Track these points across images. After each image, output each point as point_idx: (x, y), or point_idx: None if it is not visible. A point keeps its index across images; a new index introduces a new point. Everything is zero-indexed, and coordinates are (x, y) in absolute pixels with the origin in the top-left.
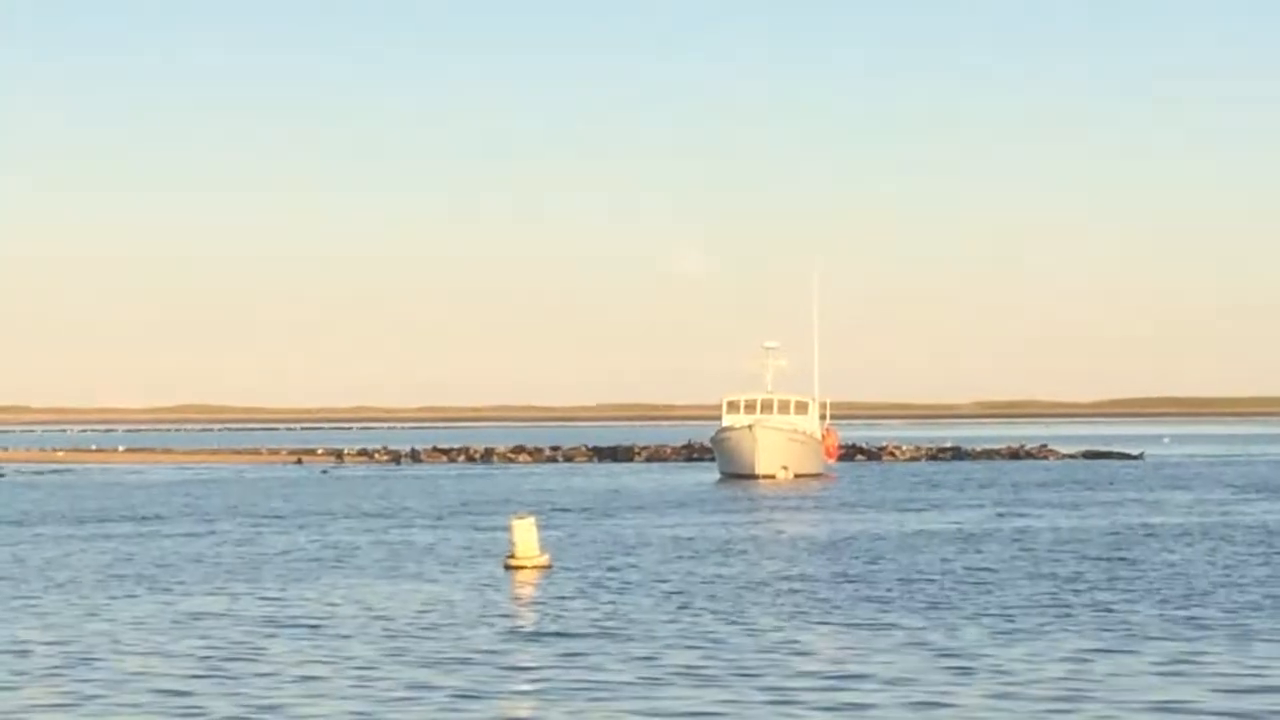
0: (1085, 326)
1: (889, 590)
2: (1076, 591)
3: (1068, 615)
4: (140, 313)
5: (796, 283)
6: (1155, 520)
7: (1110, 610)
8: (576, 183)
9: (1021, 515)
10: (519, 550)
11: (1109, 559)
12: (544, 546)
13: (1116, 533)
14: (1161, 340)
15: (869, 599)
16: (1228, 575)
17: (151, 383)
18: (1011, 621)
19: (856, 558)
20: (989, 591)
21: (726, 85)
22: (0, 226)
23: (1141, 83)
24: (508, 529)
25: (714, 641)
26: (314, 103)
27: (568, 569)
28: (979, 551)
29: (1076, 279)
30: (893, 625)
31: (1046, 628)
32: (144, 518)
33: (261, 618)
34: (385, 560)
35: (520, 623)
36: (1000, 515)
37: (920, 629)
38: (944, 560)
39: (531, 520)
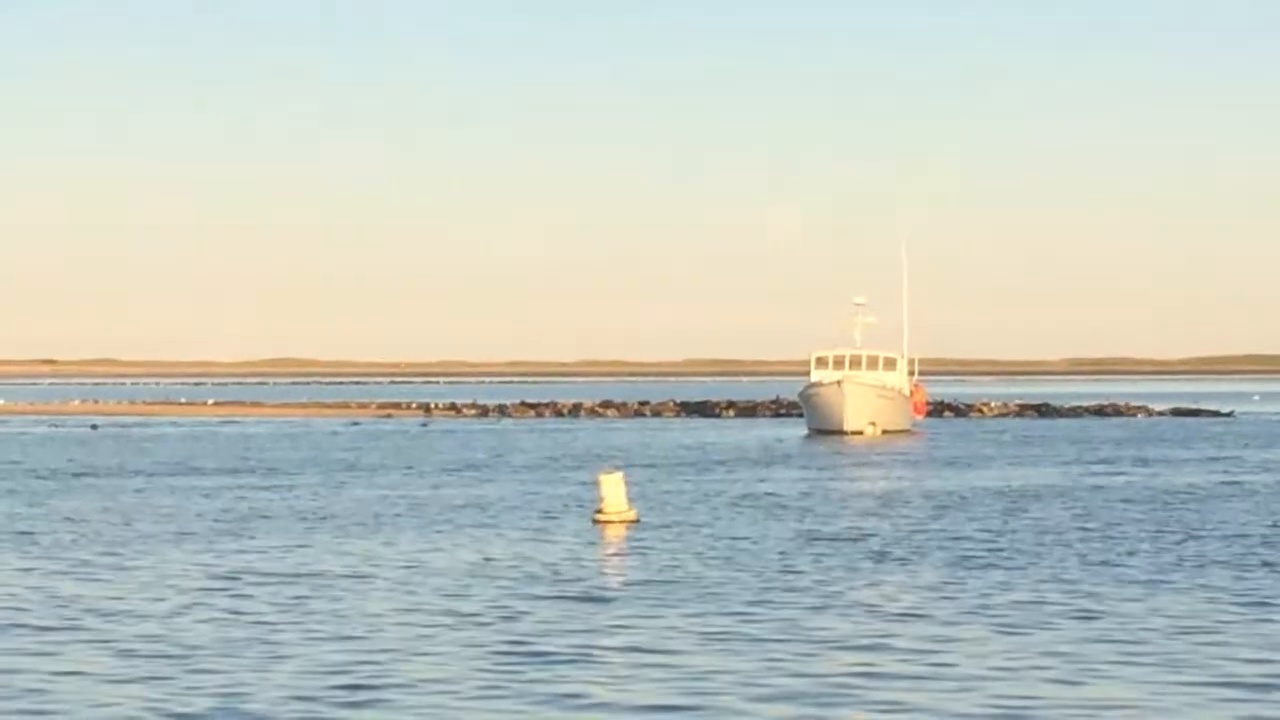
0: (1176, 283)
1: (966, 546)
2: (1126, 549)
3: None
4: (227, 267)
5: (887, 238)
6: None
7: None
8: (667, 140)
9: (1099, 473)
10: (607, 505)
11: (1157, 514)
12: (632, 501)
13: (1176, 491)
14: (1253, 297)
15: (968, 556)
16: None
17: (240, 337)
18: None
19: (948, 514)
20: (1026, 553)
21: (813, 45)
22: (88, 183)
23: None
24: (596, 484)
25: (797, 592)
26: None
27: (656, 524)
28: (1027, 512)
29: (1170, 238)
30: (953, 581)
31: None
32: (271, 469)
33: (359, 559)
34: (475, 514)
35: (608, 578)
36: (1080, 473)
37: (964, 582)
38: (1000, 518)
39: (620, 475)
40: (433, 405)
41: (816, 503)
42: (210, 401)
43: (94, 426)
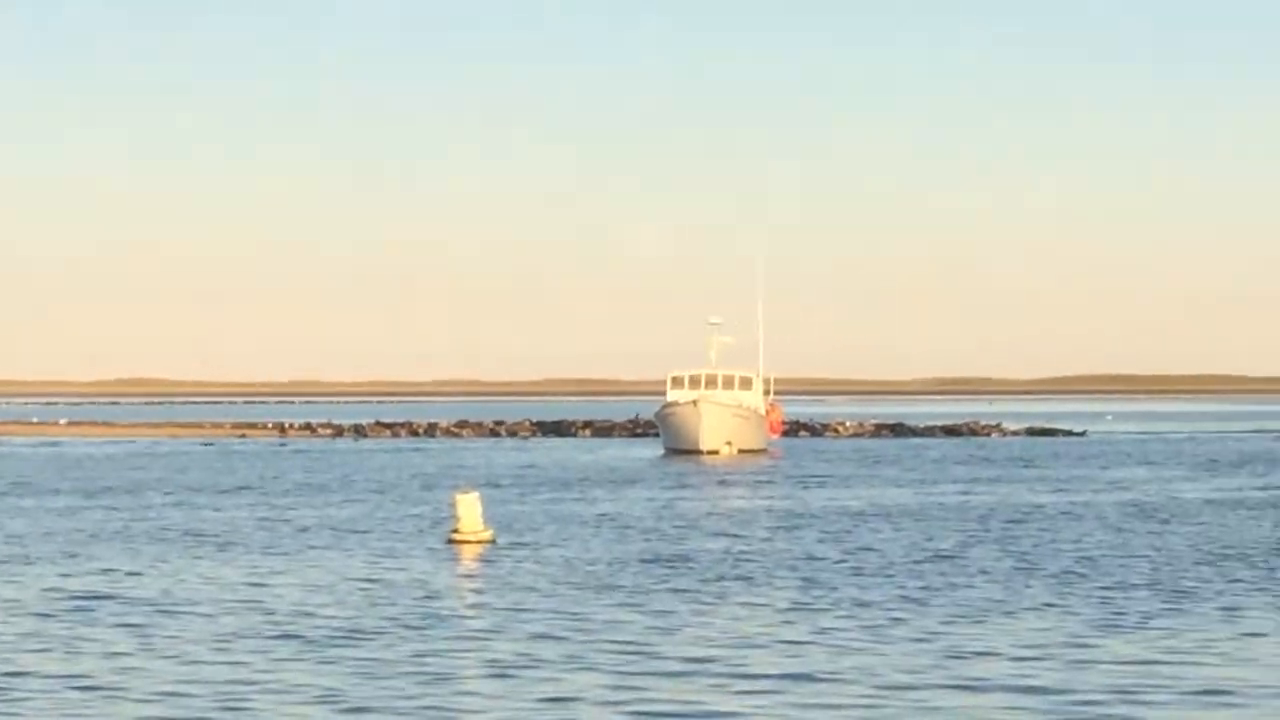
0: (1034, 304)
1: (818, 566)
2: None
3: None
4: (81, 285)
5: (742, 260)
6: (1044, 499)
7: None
8: (524, 158)
9: (933, 493)
10: (463, 525)
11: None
12: (488, 521)
13: (1017, 509)
14: (1110, 318)
15: (806, 576)
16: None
17: (92, 356)
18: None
19: (799, 533)
20: (862, 573)
21: (673, 63)
22: None
23: (1074, 51)
24: (451, 504)
25: (656, 615)
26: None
27: (512, 544)
28: (885, 530)
29: (1026, 258)
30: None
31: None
32: (122, 490)
33: (202, 582)
34: (329, 534)
35: (463, 597)
36: (916, 493)
37: (808, 603)
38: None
39: (475, 495)
40: (288, 425)
41: (667, 523)
42: (63, 421)
43: None
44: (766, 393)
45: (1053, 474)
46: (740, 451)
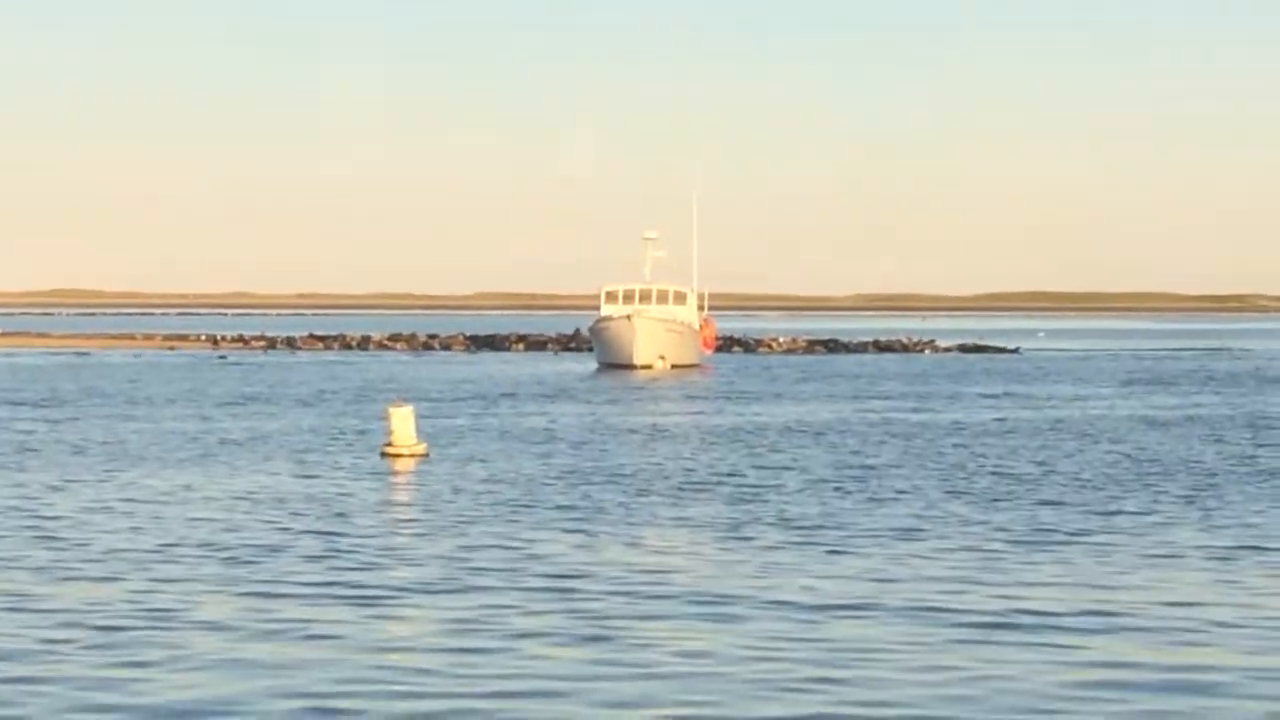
0: (964, 220)
1: (730, 482)
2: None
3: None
4: (11, 192)
5: (677, 175)
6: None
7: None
8: (462, 74)
9: (869, 409)
10: (396, 438)
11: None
12: (421, 435)
13: (946, 427)
14: (1043, 235)
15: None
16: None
17: (24, 267)
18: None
19: (727, 449)
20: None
21: None
22: None
23: None
24: (385, 417)
25: (580, 530)
26: None
27: (445, 457)
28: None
29: (956, 173)
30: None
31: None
32: (53, 401)
33: (149, 497)
34: (259, 447)
35: (396, 511)
36: (859, 409)
37: (730, 517)
38: (799, 450)
39: (409, 408)
40: (220, 337)
41: (597, 437)
42: None
43: None
44: (700, 308)
45: (982, 391)
46: (674, 366)
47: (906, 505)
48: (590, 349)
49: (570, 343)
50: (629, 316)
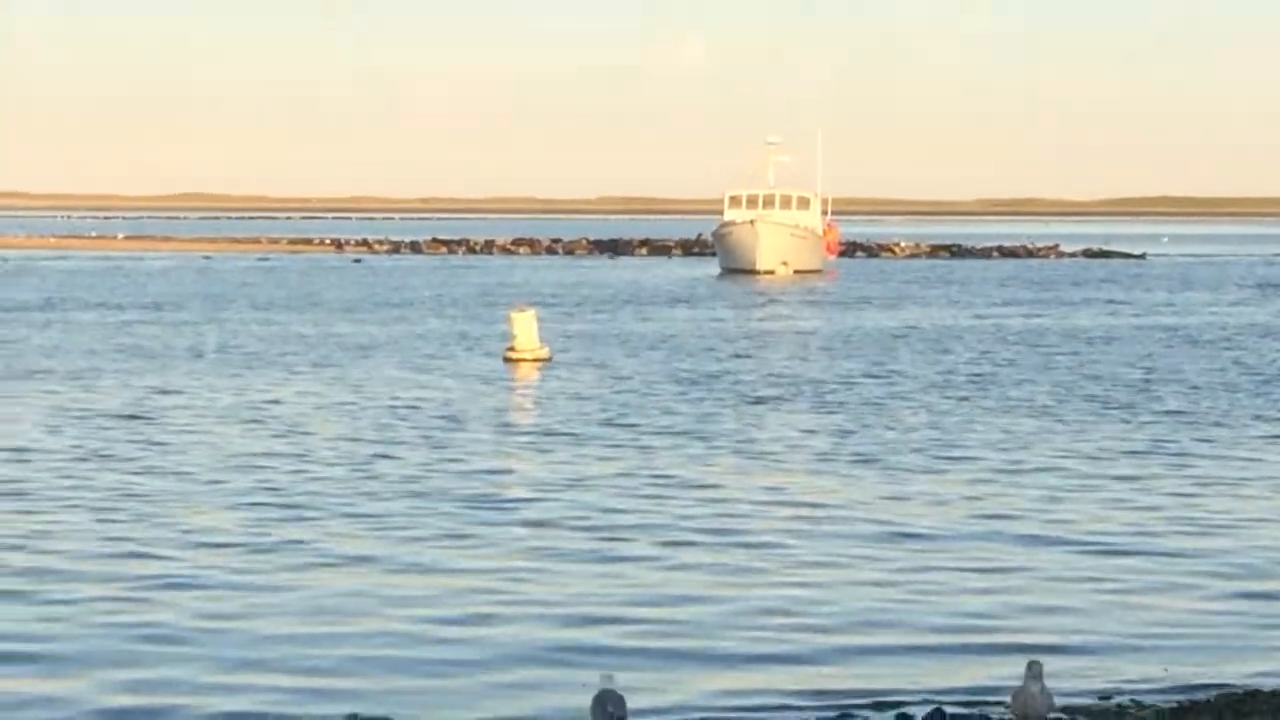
0: (1094, 124)
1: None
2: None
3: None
4: (139, 97)
5: (802, 80)
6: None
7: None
8: None
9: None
10: (519, 343)
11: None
12: (544, 339)
13: (1072, 333)
14: (1171, 138)
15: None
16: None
17: (151, 171)
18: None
19: (851, 355)
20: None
21: None
22: None
23: None
24: (508, 321)
25: (705, 436)
26: None
27: (567, 362)
28: (948, 351)
29: (1082, 79)
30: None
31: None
32: (183, 305)
33: (265, 401)
34: (382, 352)
35: (519, 415)
36: (982, 315)
37: (846, 424)
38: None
39: (532, 313)
40: (345, 241)
41: (720, 343)
42: (121, 235)
43: (3, 259)
44: (824, 213)
45: (1105, 296)
46: (796, 272)
47: (1034, 416)
48: (713, 254)
49: (693, 248)
50: (752, 222)
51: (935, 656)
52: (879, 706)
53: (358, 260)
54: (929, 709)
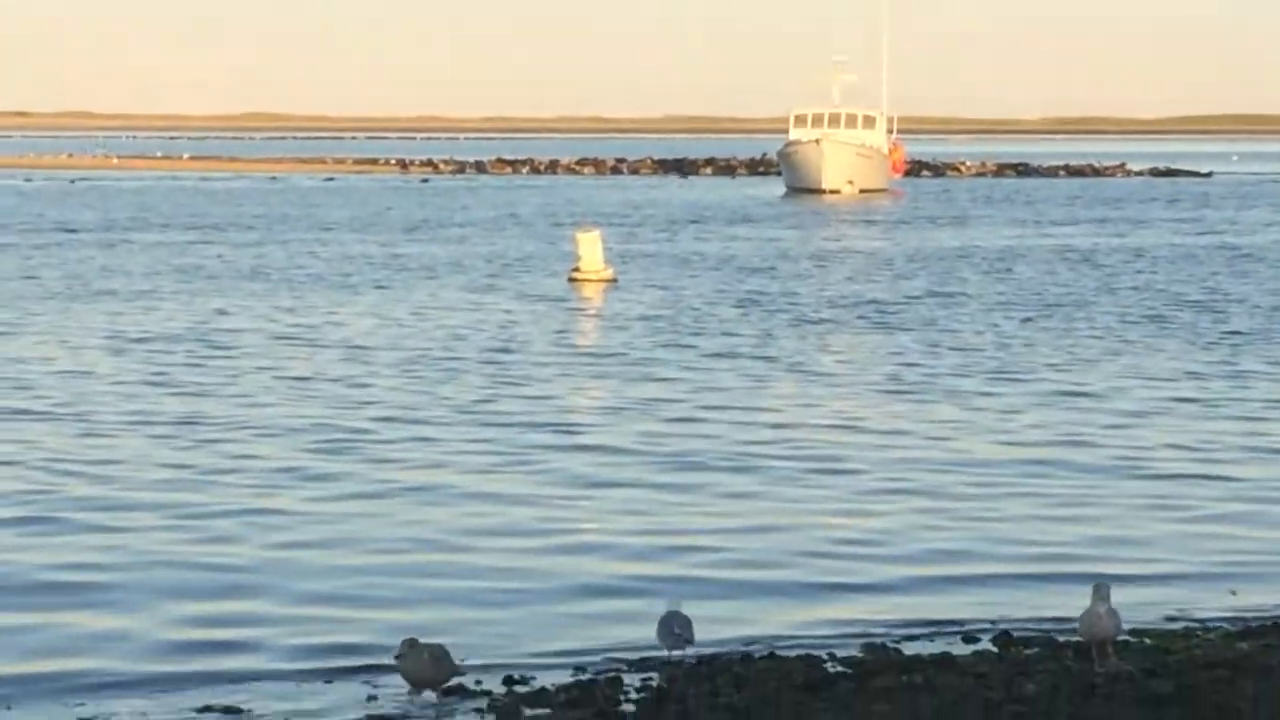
0: (1158, 42)
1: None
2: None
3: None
4: (205, 18)
5: None
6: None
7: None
8: None
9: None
10: (584, 263)
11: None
12: (609, 260)
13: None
14: (1239, 55)
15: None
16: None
17: (215, 90)
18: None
19: (916, 274)
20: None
21: None
22: None
23: None
24: (573, 242)
25: (770, 358)
26: None
27: (632, 283)
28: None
29: None
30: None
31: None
32: (251, 226)
33: (337, 317)
34: (447, 272)
35: (583, 336)
36: (1047, 234)
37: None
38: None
39: (597, 233)
40: (409, 161)
41: (785, 263)
42: (186, 155)
43: (72, 181)
44: (889, 132)
45: (1172, 216)
46: (862, 191)
47: (1100, 338)
48: (779, 174)
49: (759, 167)
50: (818, 141)
51: (1003, 585)
52: (945, 635)
53: (425, 180)
54: (997, 631)
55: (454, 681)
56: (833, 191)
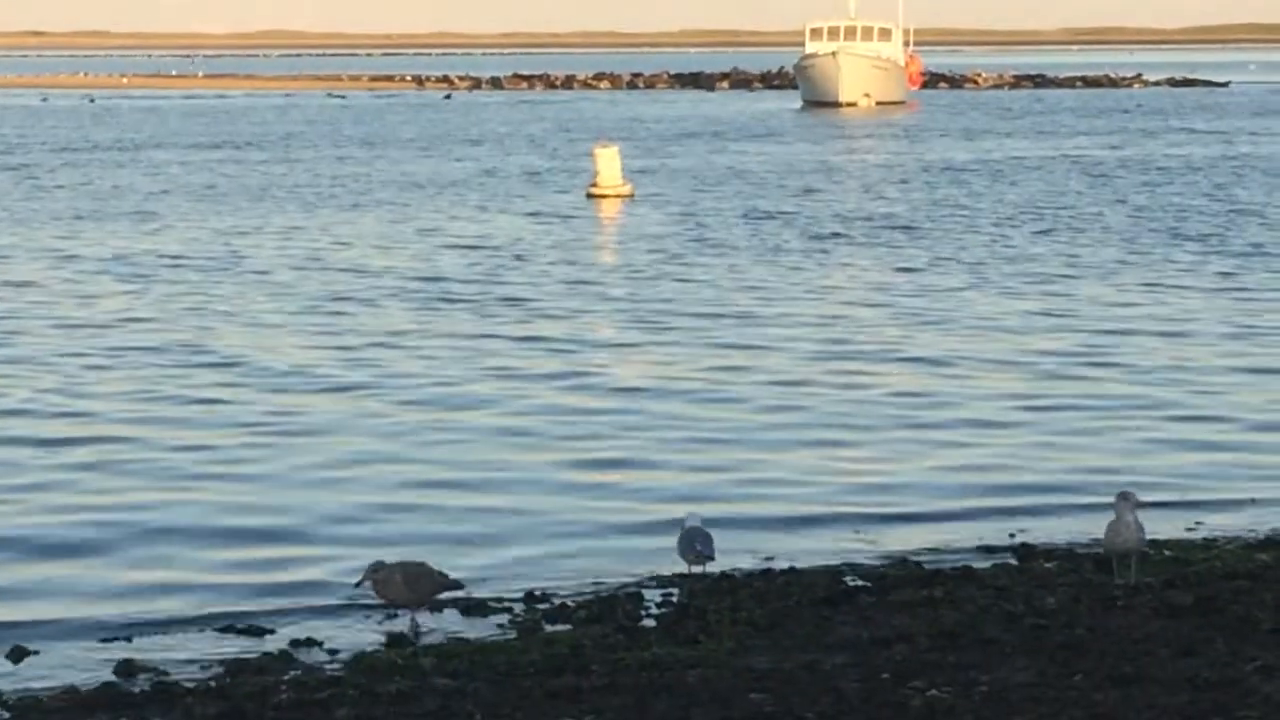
0: None
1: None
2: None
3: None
4: None
5: None
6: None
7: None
8: None
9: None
10: (602, 179)
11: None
12: (627, 175)
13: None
14: None
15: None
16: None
17: (230, 9)
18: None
19: (937, 187)
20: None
21: None
22: None
23: None
24: (590, 157)
25: (789, 269)
26: None
27: (651, 198)
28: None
29: None
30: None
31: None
32: (271, 141)
33: (371, 234)
34: (462, 189)
35: (602, 252)
36: (1060, 146)
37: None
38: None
39: (615, 149)
40: (425, 78)
41: (802, 177)
42: (201, 74)
43: (91, 99)
44: (905, 44)
45: (1187, 125)
46: (878, 104)
47: (1108, 245)
48: (795, 87)
49: (775, 81)
50: (834, 53)
51: (1023, 511)
52: (966, 536)
53: (447, 97)
54: (1017, 543)
55: (461, 594)
56: (849, 104)
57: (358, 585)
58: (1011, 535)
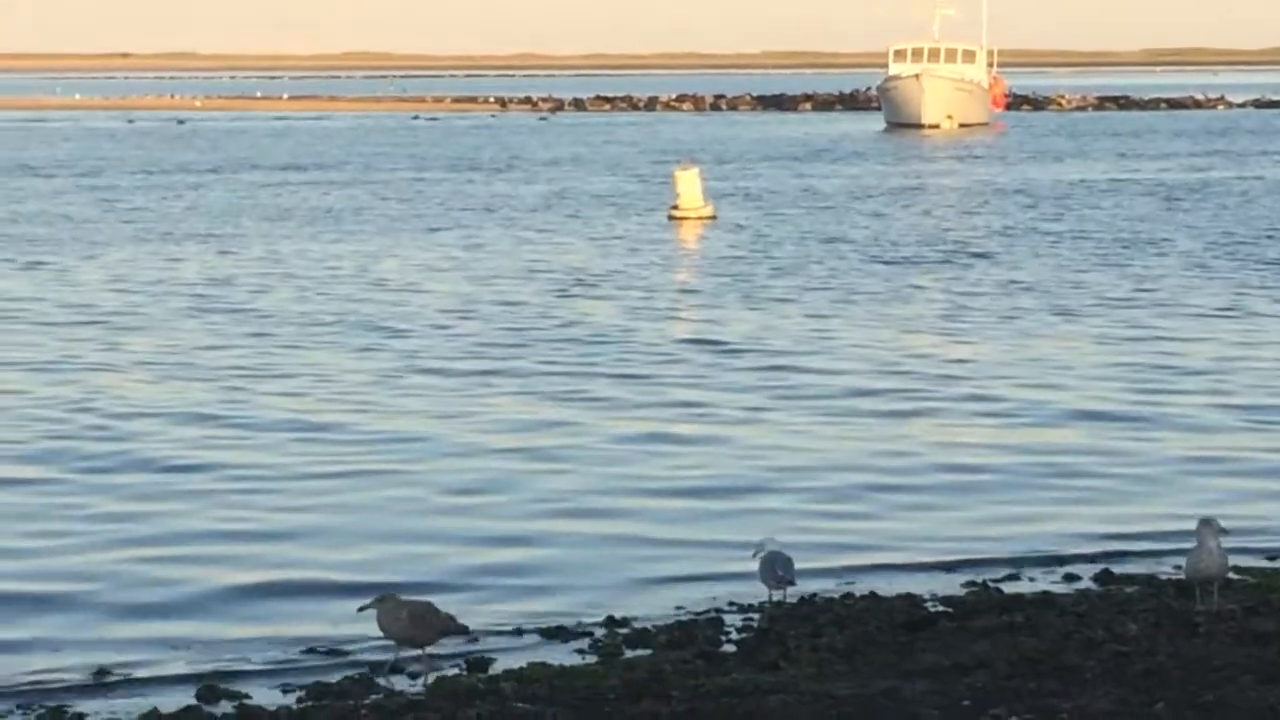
0: None
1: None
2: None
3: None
4: None
5: None
6: None
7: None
8: None
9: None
10: (683, 201)
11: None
12: (708, 197)
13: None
14: None
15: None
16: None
17: (314, 30)
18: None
19: (1019, 208)
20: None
21: None
22: None
23: None
24: (672, 179)
25: (868, 294)
26: None
27: (732, 220)
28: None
29: None
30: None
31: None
32: (363, 165)
33: (432, 259)
34: (546, 211)
35: (683, 273)
36: (1144, 168)
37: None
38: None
39: (696, 171)
40: (508, 99)
41: (885, 199)
42: (285, 96)
43: (180, 121)
44: (989, 65)
45: (1274, 149)
46: (962, 125)
47: (1188, 269)
48: (878, 109)
49: (858, 102)
50: (917, 75)
51: (1106, 520)
52: (1046, 563)
53: (543, 119)
54: (1098, 569)
55: (552, 625)
56: (933, 126)
57: (361, 610)
58: (1092, 560)
